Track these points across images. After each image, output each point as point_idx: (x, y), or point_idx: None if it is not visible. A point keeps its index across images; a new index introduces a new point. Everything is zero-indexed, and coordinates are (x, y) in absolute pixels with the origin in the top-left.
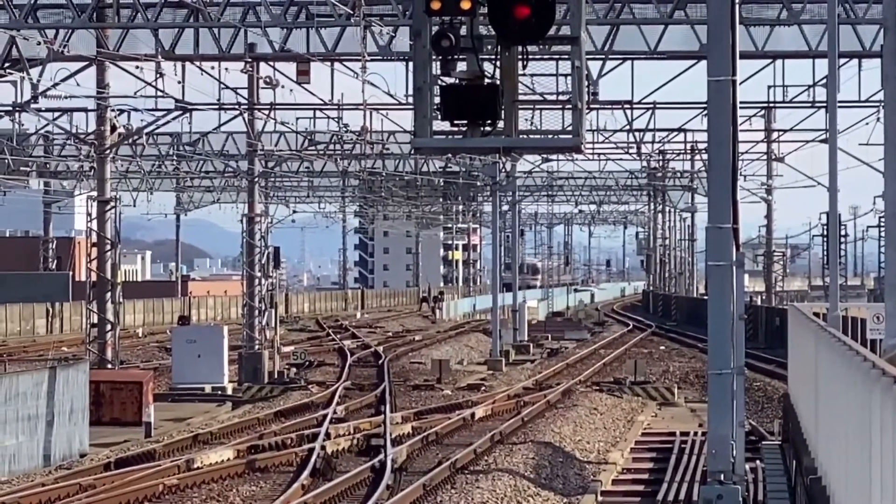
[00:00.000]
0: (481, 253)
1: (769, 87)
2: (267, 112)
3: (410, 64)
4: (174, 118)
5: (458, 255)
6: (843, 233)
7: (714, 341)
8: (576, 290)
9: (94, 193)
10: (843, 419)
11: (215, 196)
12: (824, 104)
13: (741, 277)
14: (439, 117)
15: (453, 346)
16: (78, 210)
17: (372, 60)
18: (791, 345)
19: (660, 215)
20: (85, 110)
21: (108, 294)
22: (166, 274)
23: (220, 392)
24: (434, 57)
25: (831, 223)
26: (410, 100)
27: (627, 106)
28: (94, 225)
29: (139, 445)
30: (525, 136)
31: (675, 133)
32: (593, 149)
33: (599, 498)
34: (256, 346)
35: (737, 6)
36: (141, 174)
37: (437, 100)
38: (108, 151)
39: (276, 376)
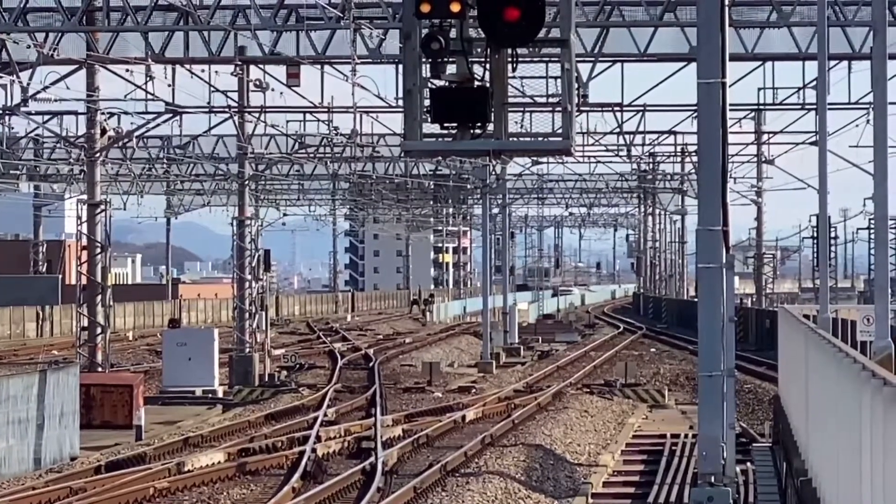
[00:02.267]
0: (471, 255)
1: (759, 89)
2: (257, 115)
3: (400, 66)
4: (164, 121)
5: (449, 257)
6: (833, 235)
7: (704, 343)
8: (555, 294)
9: (85, 196)
10: (833, 421)
11: (206, 199)
12: (814, 106)
13: (731, 280)
14: (429, 120)
15: (444, 348)
16: (68, 213)
17: (362, 63)
18: (781, 347)
19: (650, 217)
20: (75, 113)
21: (99, 297)
22: (157, 277)
23: (210, 395)
24: (424, 59)
25: (821, 225)
26: (400, 102)
27: (617, 108)
28: (85, 228)
29: (130, 448)
30: (515, 139)
31: (666, 135)
32: (583, 151)
33: (590, 500)
34: (247, 349)
35: (726, 8)
36: (131, 177)
37: (426, 102)
38: (98, 154)
39: (266, 379)
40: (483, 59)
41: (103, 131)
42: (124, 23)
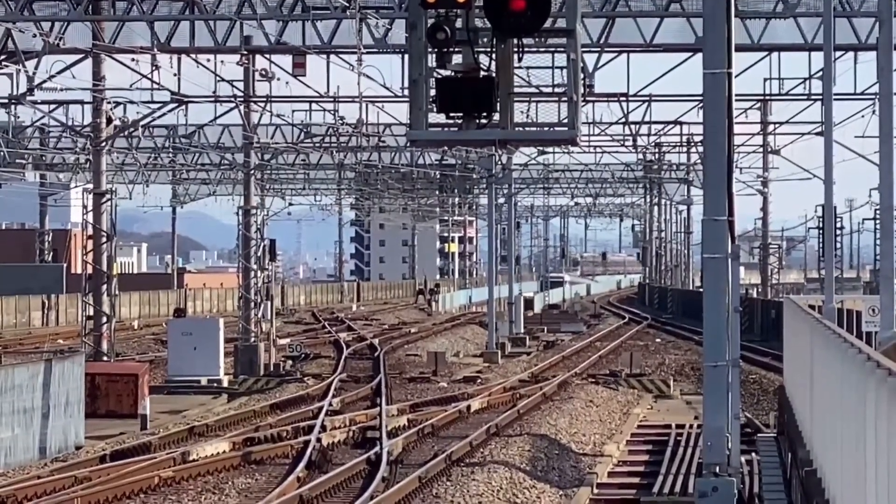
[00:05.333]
0: (477, 245)
1: (765, 79)
2: (263, 104)
3: (406, 56)
4: (170, 111)
5: (454, 247)
6: (838, 225)
7: (710, 333)
8: (545, 286)
9: (90, 186)
10: (838, 411)
11: (211, 188)
12: (820, 97)
13: (737, 270)
14: (435, 110)
15: (449, 338)
16: (74, 202)
17: (368, 53)
18: (786, 337)
19: (656, 208)
20: (81, 103)
21: (104, 286)
22: (162, 266)
23: (215, 384)
24: (430, 49)
25: (827, 215)
26: (406, 92)
27: (623, 98)
28: (90, 217)
29: (135, 438)
30: (521, 129)
31: (671, 126)
32: (589, 141)
33: (595, 490)
34: (252, 339)
35: None
36: (137, 166)
37: (432, 92)
38: (103, 144)
39: (271, 369)
40: (489, 49)
41: (109, 120)
42: (130, 12)
